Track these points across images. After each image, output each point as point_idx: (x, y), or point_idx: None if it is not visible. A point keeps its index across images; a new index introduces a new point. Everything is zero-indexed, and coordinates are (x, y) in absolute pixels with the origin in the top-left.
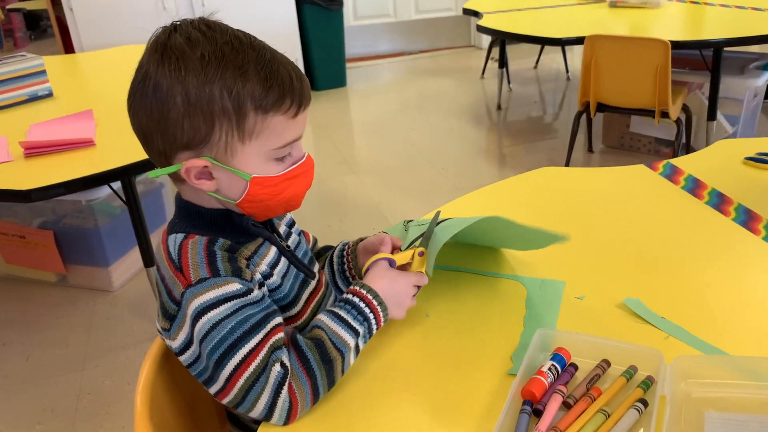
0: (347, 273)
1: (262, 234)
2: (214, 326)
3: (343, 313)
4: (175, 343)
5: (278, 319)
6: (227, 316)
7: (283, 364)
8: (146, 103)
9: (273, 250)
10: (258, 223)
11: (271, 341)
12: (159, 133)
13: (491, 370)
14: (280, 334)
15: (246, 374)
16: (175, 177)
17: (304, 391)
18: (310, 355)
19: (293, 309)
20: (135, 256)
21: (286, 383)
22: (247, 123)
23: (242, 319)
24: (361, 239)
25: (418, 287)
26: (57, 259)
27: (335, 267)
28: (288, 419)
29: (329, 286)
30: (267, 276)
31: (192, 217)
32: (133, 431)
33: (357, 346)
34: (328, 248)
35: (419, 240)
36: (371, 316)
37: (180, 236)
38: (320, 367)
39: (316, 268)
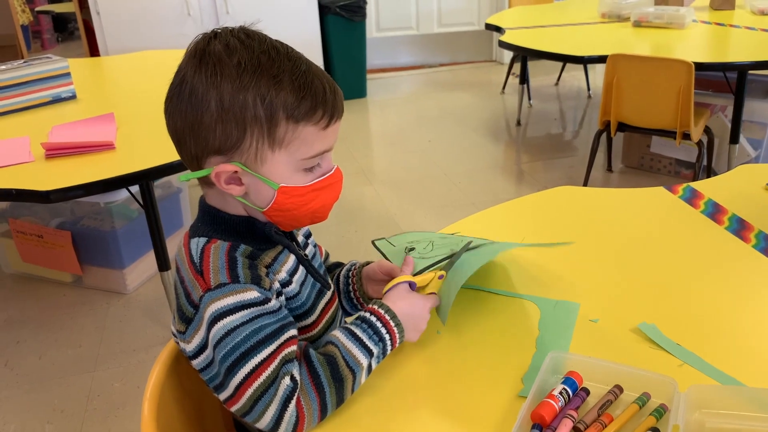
0: (351, 294)
1: (282, 242)
2: (229, 332)
3: (358, 332)
4: (190, 347)
5: (293, 332)
6: (243, 324)
7: (293, 378)
8: (182, 106)
9: (292, 259)
10: (280, 231)
11: (283, 353)
12: (192, 136)
13: (501, 390)
14: (293, 347)
15: (255, 384)
16: (204, 181)
17: (312, 407)
18: (321, 371)
19: (309, 318)
20: (150, 259)
21: (295, 397)
22: (278, 131)
23: (257, 328)
24: (367, 263)
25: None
26: (73, 259)
27: (341, 287)
28: None
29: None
30: (286, 283)
31: (215, 222)
32: None
33: (370, 366)
34: (339, 265)
35: (443, 262)
36: (387, 337)
37: (202, 240)
38: (330, 385)
39: (329, 279)
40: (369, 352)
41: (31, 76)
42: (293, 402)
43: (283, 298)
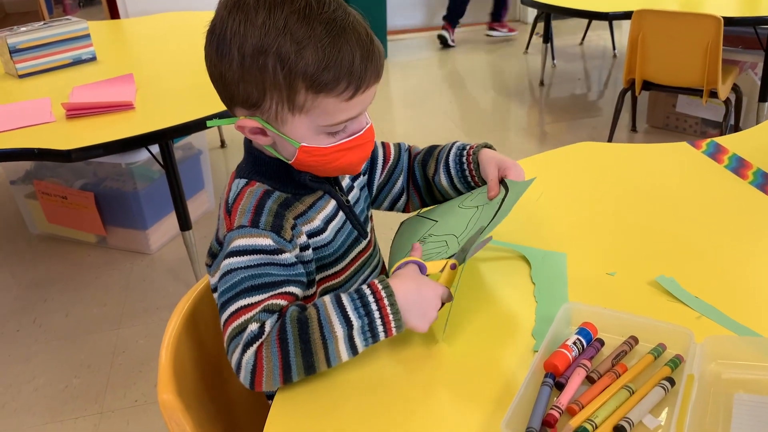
0: (470, 179)
1: (322, 188)
2: (230, 271)
3: (345, 300)
4: (213, 280)
5: (294, 289)
6: (246, 267)
7: (261, 326)
8: (211, 55)
9: (332, 204)
10: (318, 177)
11: (267, 303)
12: (221, 86)
13: (512, 347)
14: (282, 301)
15: (234, 324)
16: None
17: (273, 361)
18: (289, 328)
19: (338, 265)
20: (172, 220)
21: (255, 345)
22: (298, 99)
23: (257, 274)
24: (486, 145)
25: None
26: (97, 220)
27: (452, 171)
28: (253, 384)
29: (377, 248)
30: (318, 232)
31: (257, 163)
32: None
33: (350, 339)
34: (433, 148)
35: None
36: (377, 314)
37: (243, 182)
38: (296, 344)
39: (368, 227)
40: (348, 323)
41: (52, 38)
42: (252, 349)
43: (310, 251)
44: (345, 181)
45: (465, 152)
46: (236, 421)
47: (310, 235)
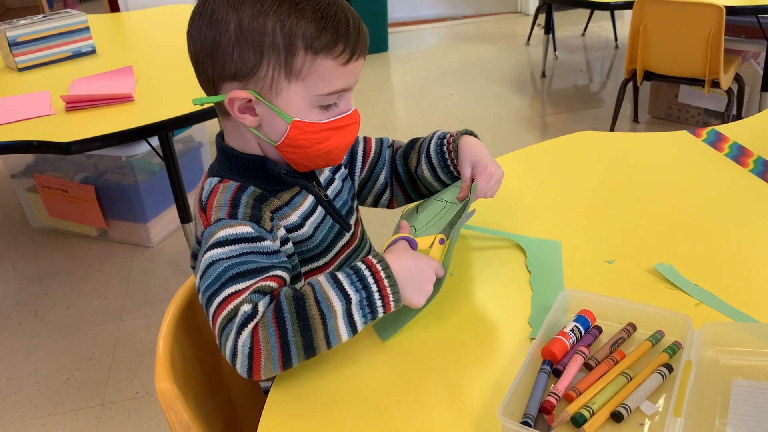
0: (452, 168)
1: (298, 183)
2: (212, 263)
3: (341, 276)
4: (197, 282)
5: (282, 273)
6: (229, 257)
7: (255, 307)
8: (202, 27)
9: (309, 200)
10: (294, 172)
11: (257, 285)
12: (210, 59)
13: (509, 335)
14: (272, 283)
15: (224, 312)
16: (222, 111)
17: (270, 342)
18: (285, 306)
19: (323, 259)
20: (173, 213)
21: (251, 325)
22: (296, 62)
23: (242, 262)
24: (467, 131)
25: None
26: (98, 213)
27: (434, 161)
28: (250, 370)
29: (365, 239)
30: (296, 227)
31: (230, 161)
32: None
33: (349, 315)
34: (415, 141)
35: (443, 227)
36: (374, 287)
37: (215, 180)
38: (294, 322)
39: (352, 219)
40: (346, 297)
41: (51, 30)
42: (247, 330)
43: (290, 245)
44: (324, 175)
45: (445, 141)
46: (236, 413)
47: (289, 230)
